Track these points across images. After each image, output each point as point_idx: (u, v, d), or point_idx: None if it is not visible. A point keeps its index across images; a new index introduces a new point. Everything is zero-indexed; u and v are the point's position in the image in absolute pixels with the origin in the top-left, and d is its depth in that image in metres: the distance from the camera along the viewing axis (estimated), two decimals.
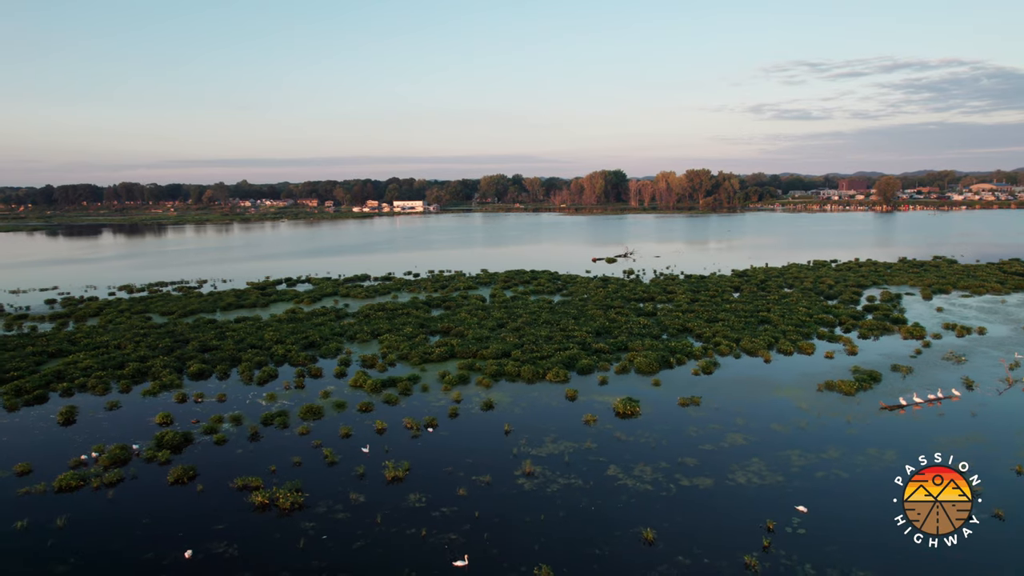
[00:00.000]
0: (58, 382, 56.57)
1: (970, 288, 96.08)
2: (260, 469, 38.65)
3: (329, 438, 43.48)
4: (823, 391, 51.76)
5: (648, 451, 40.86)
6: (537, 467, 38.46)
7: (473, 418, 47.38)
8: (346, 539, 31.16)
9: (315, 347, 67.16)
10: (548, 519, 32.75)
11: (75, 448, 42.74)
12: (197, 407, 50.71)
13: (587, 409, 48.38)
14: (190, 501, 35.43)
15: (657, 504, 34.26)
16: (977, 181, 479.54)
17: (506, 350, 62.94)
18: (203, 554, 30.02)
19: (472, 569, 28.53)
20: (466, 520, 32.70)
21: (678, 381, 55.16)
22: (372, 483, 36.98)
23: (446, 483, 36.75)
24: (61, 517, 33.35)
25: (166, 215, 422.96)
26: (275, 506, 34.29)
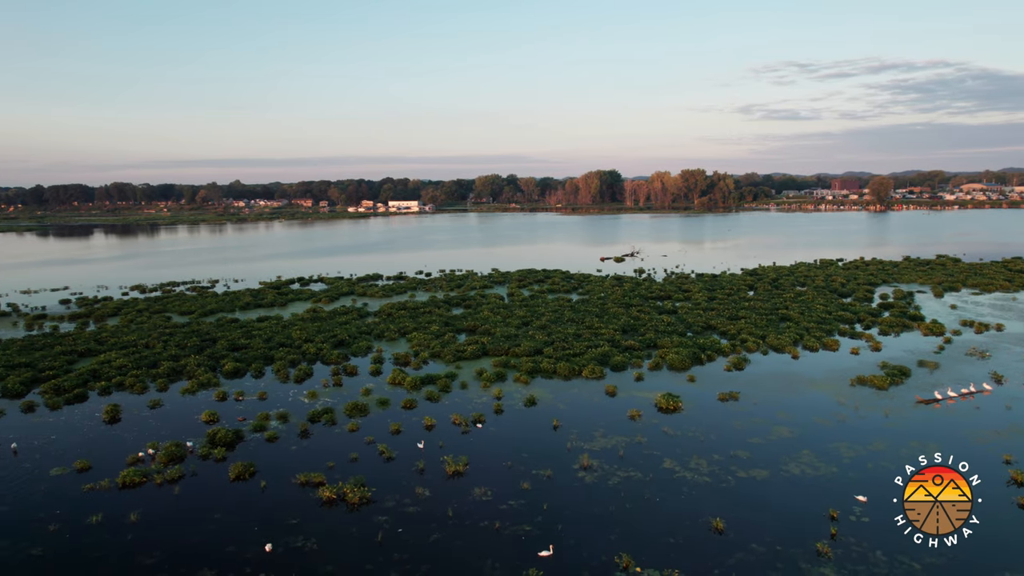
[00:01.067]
0: (95, 381, 56.67)
1: (979, 286, 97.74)
2: (319, 465, 39.04)
3: (380, 434, 43.91)
4: (856, 386, 52.76)
5: (698, 445, 41.62)
6: (594, 461, 39.12)
7: (518, 414, 47.96)
8: (422, 532, 31.66)
9: (345, 345, 67.47)
10: (617, 510, 33.43)
11: (127, 445, 42.96)
12: (239, 405, 50.96)
13: (629, 404, 49.10)
14: (256, 497, 35.77)
15: (719, 495, 35.01)
16: (967, 181, 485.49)
17: (538, 348, 63.57)
18: (283, 548, 30.44)
19: (555, 559, 29.14)
20: (535, 512, 33.30)
21: (712, 377, 56.00)
22: (434, 478, 37.48)
23: (508, 477, 37.32)
24: (134, 512, 33.67)
25: (159, 216, 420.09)
26: (343, 501, 34.74)
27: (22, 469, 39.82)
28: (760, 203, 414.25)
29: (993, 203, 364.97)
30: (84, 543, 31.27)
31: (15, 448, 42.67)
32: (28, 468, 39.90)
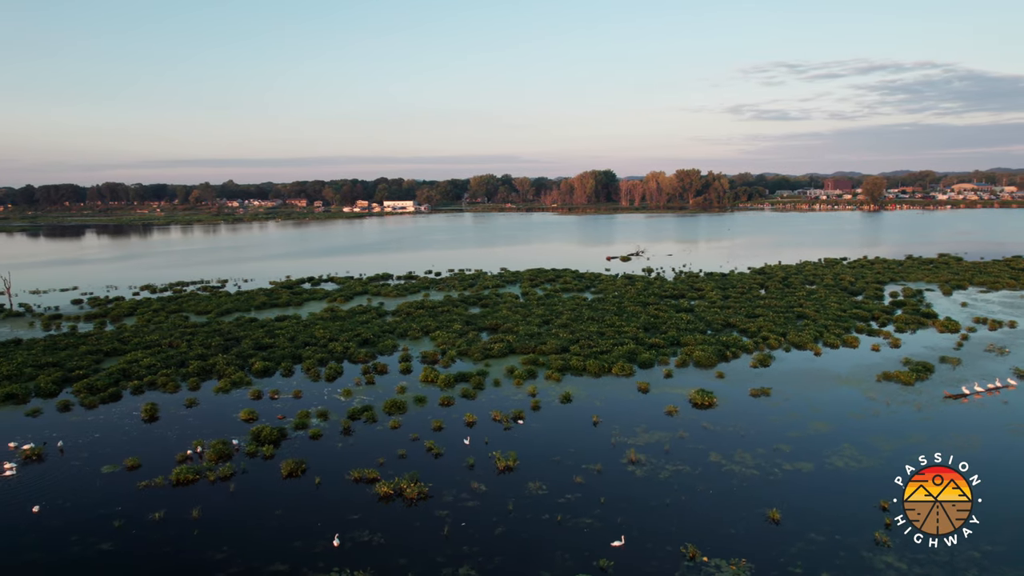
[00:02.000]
0: (126, 380, 56.75)
1: (986, 284, 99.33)
2: (369, 462, 39.40)
3: (424, 431, 44.35)
4: (882, 382, 53.72)
5: (739, 439, 42.35)
6: (641, 455, 39.76)
7: (556, 410, 48.54)
8: (486, 526, 32.16)
9: (370, 344, 67.77)
10: (673, 503, 34.08)
11: (171, 444, 43.18)
12: (274, 403, 51.22)
13: (664, 400, 49.81)
14: (311, 493, 36.12)
15: (769, 487, 35.74)
16: (957, 181, 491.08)
17: (564, 346, 64.17)
18: (350, 542, 30.85)
19: (623, 549, 29.73)
20: (593, 505, 33.89)
21: (740, 373, 56.81)
22: (485, 473, 37.98)
23: (559, 471, 37.88)
24: (195, 508, 33.95)
25: (153, 216, 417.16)
26: (400, 496, 35.17)
27: (72, 467, 39.98)
28: (754, 203, 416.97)
29: (985, 203, 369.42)
30: (151, 538, 31.54)
31: (61, 446, 42.77)
32: (78, 466, 40.07)
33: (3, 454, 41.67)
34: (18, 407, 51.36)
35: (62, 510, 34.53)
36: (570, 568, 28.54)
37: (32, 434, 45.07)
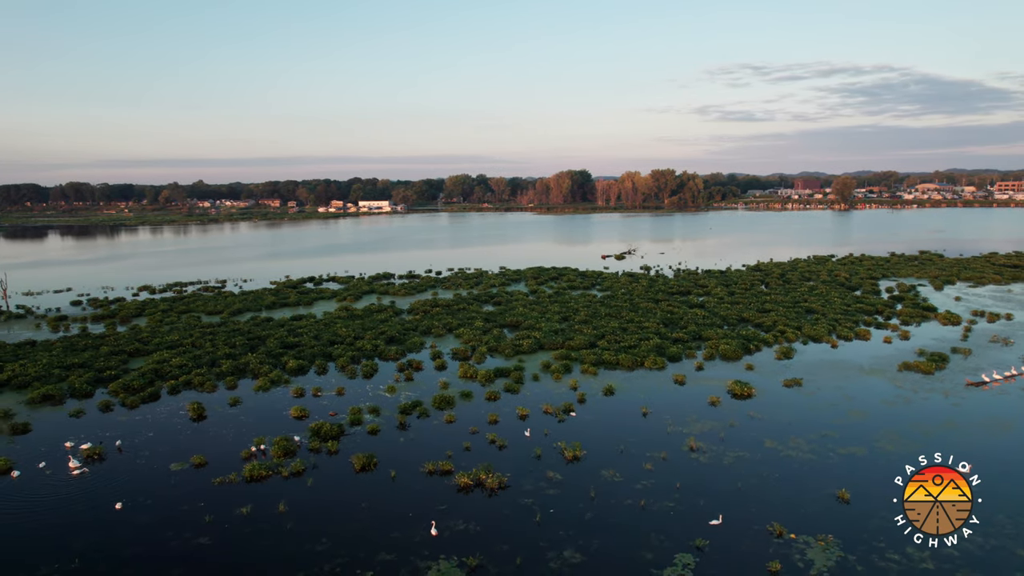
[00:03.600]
0: (160, 380, 56.27)
1: (973, 279, 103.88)
2: (437, 454, 40.11)
3: (481, 425, 45.20)
4: (904, 371, 56.32)
5: (786, 427, 44.18)
6: (700, 443, 41.29)
7: (602, 402, 49.85)
8: (574, 512, 33.25)
9: (397, 342, 68.15)
10: (745, 486, 35.63)
11: (229, 441, 43.24)
12: (320, 401, 51.40)
13: (703, 392, 51.52)
14: (390, 485, 36.70)
15: (829, 470, 37.56)
16: (920, 181, 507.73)
17: (591, 341, 65.53)
18: (447, 531, 31.62)
19: (714, 528, 31.14)
20: (670, 490, 35.25)
21: (766, 365, 58.88)
22: (555, 462, 39.05)
23: (627, 460, 39.16)
24: (281, 503, 34.31)
25: (122, 216, 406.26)
26: (480, 486, 36.02)
27: (138, 465, 39.85)
28: (728, 202, 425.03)
29: (949, 202, 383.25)
30: (246, 532, 31.86)
31: (120, 446, 42.51)
32: (143, 464, 39.95)
33: (63, 454, 41.29)
34: (57, 408, 50.65)
35: (145, 507, 34.54)
36: (669, 548, 29.83)
37: (83, 434, 44.62)
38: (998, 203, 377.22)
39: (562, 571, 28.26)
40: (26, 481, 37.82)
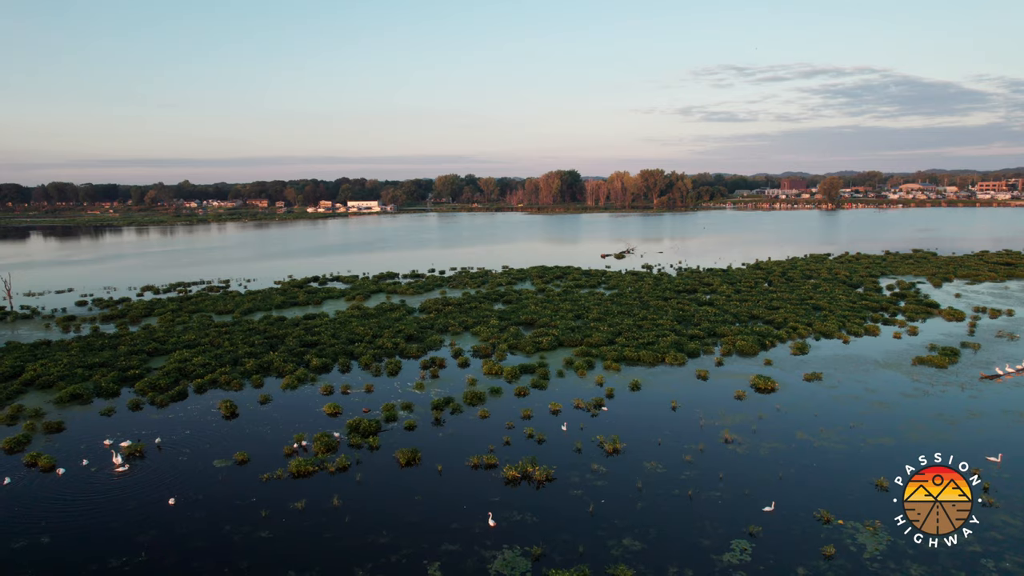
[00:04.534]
0: (185, 378, 56.29)
1: (969, 276, 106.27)
2: (479, 448, 40.74)
3: (515, 420, 45.84)
4: (918, 365, 57.79)
5: (814, 418, 45.31)
6: (734, 435, 42.27)
7: (631, 397, 50.71)
8: (625, 502, 34.03)
9: (415, 340, 68.59)
10: (786, 475, 36.63)
11: (267, 438, 43.51)
12: (348, 398, 51.71)
13: (726, 386, 52.60)
14: (438, 479, 37.24)
15: (864, 459, 38.66)
16: (904, 181, 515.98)
17: (609, 338, 66.42)
18: (504, 521, 32.26)
19: (765, 514, 32.08)
20: (714, 480, 36.15)
21: (784, 360, 60.10)
22: (597, 455, 39.81)
23: (666, 452, 40.02)
24: (335, 496, 34.75)
25: (107, 216, 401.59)
26: (526, 479, 36.68)
27: (181, 462, 40.04)
28: (717, 202, 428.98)
29: (933, 202, 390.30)
30: (305, 526, 32.27)
31: (159, 443, 42.63)
32: (186, 461, 40.14)
33: (103, 452, 41.34)
34: (85, 407, 50.57)
35: (198, 502, 34.82)
36: (724, 534, 30.71)
37: (117, 432, 44.62)
38: (981, 203, 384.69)
39: (624, 558, 29.02)
40: (73, 478, 37.90)
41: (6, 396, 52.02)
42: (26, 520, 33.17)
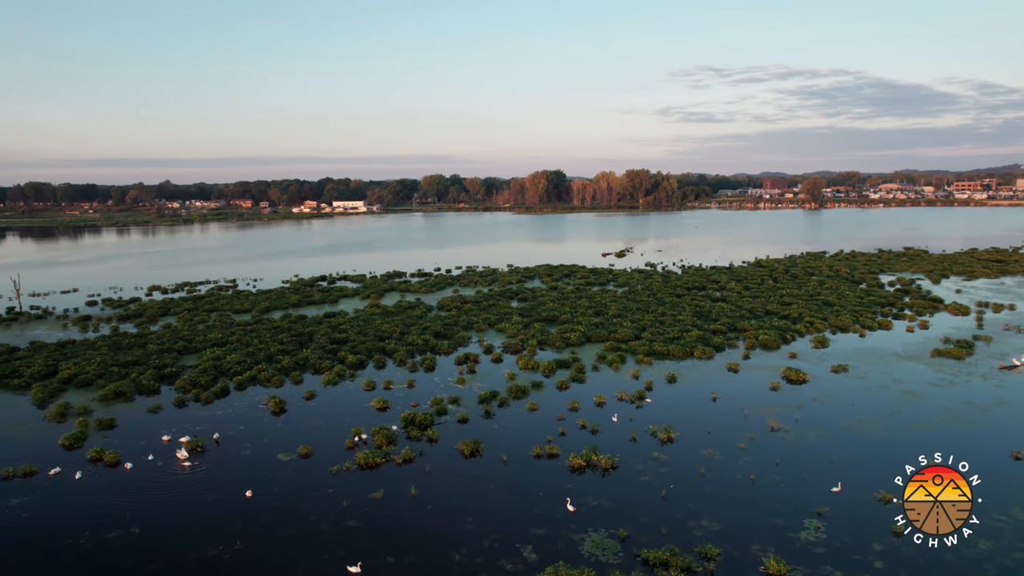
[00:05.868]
0: (222, 376, 56.55)
1: (965, 273, 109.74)
2: (537, 439, 41.80)
3: (564, 412, 46.99)
4: (937, 357, 60.07)
5: (851, 407, 47.14)
6: (779, 423, 43.89)
7: (670, 389, 52.18)
8: (692, 487, 35.38)
9: (443, 336, 69.41)
10: (839, 460, 38.28)
11: (323, 432, 44.14)
12: (392, 393, 52.35)
13: (758, 378, 54.32)
14: (504, 468, 38.24)
15: (908, 444, 40.33)
16: (882, 181, 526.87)
17: (635, 333, 67.90)
18: (584, 507, 33.41)
19: (833, 495, 33.66)
20: (772, 466, 37.67)
21: (807, 353, 62.01)
22: (653, 444, 41.13)
23: (719, 440, 41.48)
24: (412, 486, 35.63)
25: (87, 216, 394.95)
26: (590, 468, 37.86)
27: (245, 456, 40.57)
28: (702, 202, 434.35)
29: (913, 201, 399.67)
30: (389, 514, 33.10)
31: (218, 438, 43.08)
32: (250, 456, 40.69)
33: (163, 447, 41.71)
34: (129, 404, 50.68)
35: (275, 494, 35.43)
36: (795, 514, 32.19)
37: (169, 428, 44.93)
38: (959, 202, 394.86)
39: (707, 537, 30.33)
40: (142, 473, 38.24)
41: (48, 394, 51.93)
42: (110, 512, 33.55)
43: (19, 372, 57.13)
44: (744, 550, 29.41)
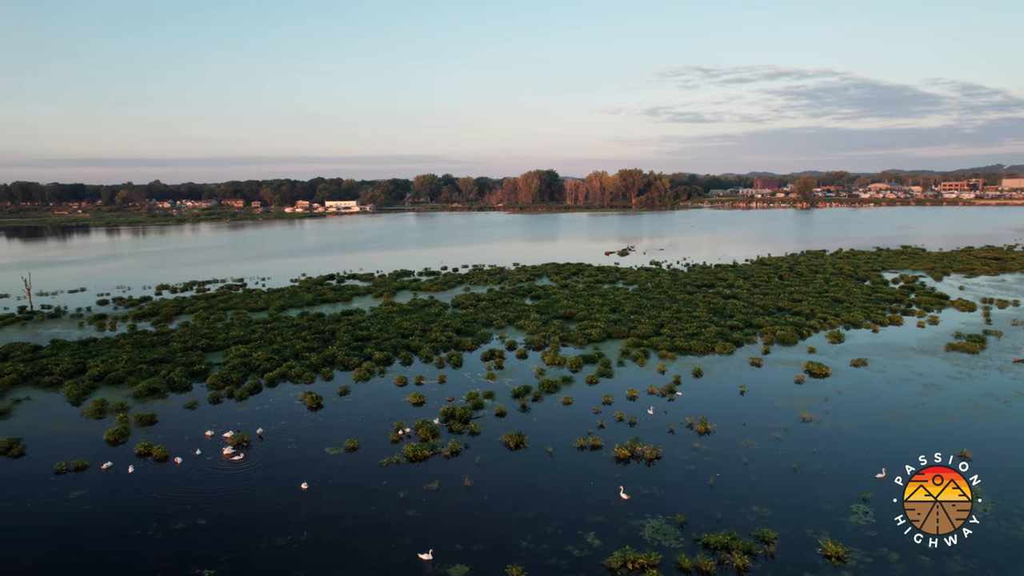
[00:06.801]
0: (252, 373, 56.94)
1: (965, 270, 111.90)
2: (578, 431, 42.69)
3: (599, 405, 47.91)
4: (952, 351, 61.57)
5: (877, 399, 48.44)
6: (810, 415, 45.06)
7: (697, 383, 53.22)
8: (739, 475, 36.40)
9: (465, 333, 70.10)
10: (873, 449, 39.42)
11: (364, 427, 44.74)
12: (424, 388, 53.01)
13: (780, 373, 55.55)
14: (551, 460, 39.04)
15: (939, 433, 41.88)
16: (871, 181, 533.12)
17: (655, 329, 68.95)
18: (636, 495, 34.31)
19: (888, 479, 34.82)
20: (810, 455, 38.79)
21: (825, 348, 63.34)
22: (691, 435, 42.14)
23: (755, 431, 42.53)
24: (466, 477, 36.37)
25: (77, 217, 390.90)
26: (635, 458, 38.79)
27: (291, 451, 41.09)
28: (694, 202, 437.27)
29: (903, 201, 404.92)
30: (448, 504, 33.83)
31: (261, 433, 43.56)
32: (296, 450, 41.23)
33: (208, 442, 42.17)
34: (163, 401, 51.02)
35: (329, 486, 36.04)
36: (842, 500, 33.29)
37: (210, 424, 45.40)
38: (948, 201, 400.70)
39: (761, 522, 31.34)
40: (193, 467, 38.72)
41: (81, 391, 52.13)
42: (171, 504, 34.07)
43: (48, 370, 57.28)
44: (799, 533, 30.46)
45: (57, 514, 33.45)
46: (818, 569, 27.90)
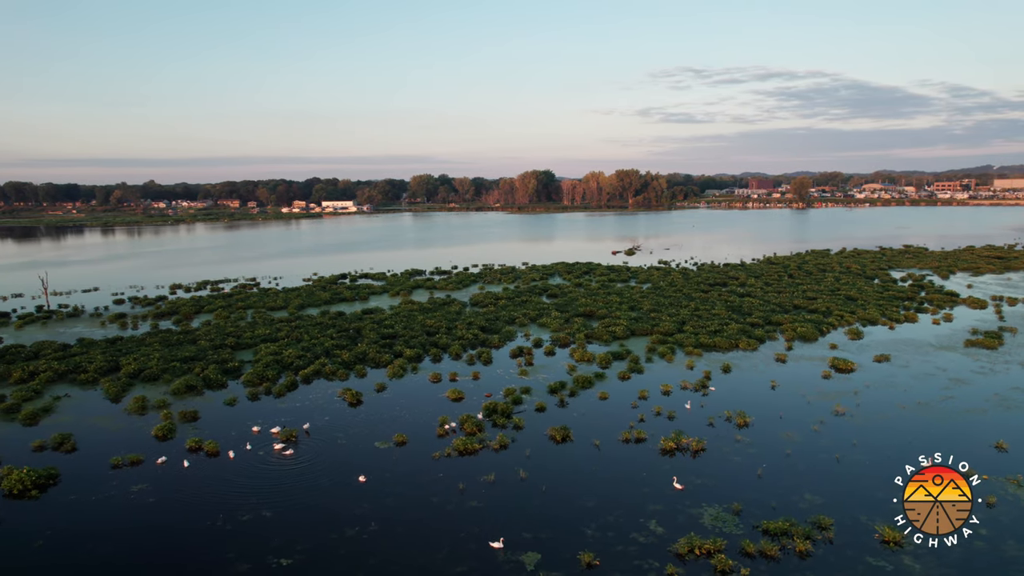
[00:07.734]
0: (285, 370, 57.49)
1: (970, 269, 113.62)
2: (620, 425, 43.55)
3: (636, 400, 48.80)
4: (971, 347, 62.88)
5: (905, 393, 49.57)
6: (844, 408, 46.12)
7: (727, 378, 54.21)
8: (785, 466, 37.37)
9: (490, 331, 70.83)
10: (912, 439, 40.42)
11: (409, 421, 45.43)
12: (460, 384, 53.68)
13: (805, 368, 56.68)
14: (597, 452, 39.89)
15: (970, 425, 43.03)
16: (864, 181, 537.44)
17: (677, 327, 69.94)
18: (690, 485, 35.19)
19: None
20: (850, 446, 39.82)
21: (846, 345, 64.52)
22: (731, 428, 43.07)
23: (793, 423, 43.56)
24: (520, 469, 37.16)
25: (71, 217, 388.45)
26: (680, 451, 39.69)
27: (341, 446, 41.72)
28: (691, 202, 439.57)
29: (897, 201, 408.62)
30: (507, 495, 34.57)
31: (307, 429, 44.17)
32: (346, 444, 41.89)
33: (256, 437, 42.75)
34: (202, 398, 51.49)
35: (386, 479, 36.70)
36: (891, 488, 33.91)
37: (251, 420, 45.88)
38: (942, 202, 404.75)
39: (815, 509, 32.31)
40: (246, 461, 39.29)
41: (120, 389, 52.55)
42: (234, 497, 34.66)
43: (83, 367, 57.64)
44: (853, 520, 31.44)
45: (125, 507, 34.00)
46: (879, 553, 28.88)
